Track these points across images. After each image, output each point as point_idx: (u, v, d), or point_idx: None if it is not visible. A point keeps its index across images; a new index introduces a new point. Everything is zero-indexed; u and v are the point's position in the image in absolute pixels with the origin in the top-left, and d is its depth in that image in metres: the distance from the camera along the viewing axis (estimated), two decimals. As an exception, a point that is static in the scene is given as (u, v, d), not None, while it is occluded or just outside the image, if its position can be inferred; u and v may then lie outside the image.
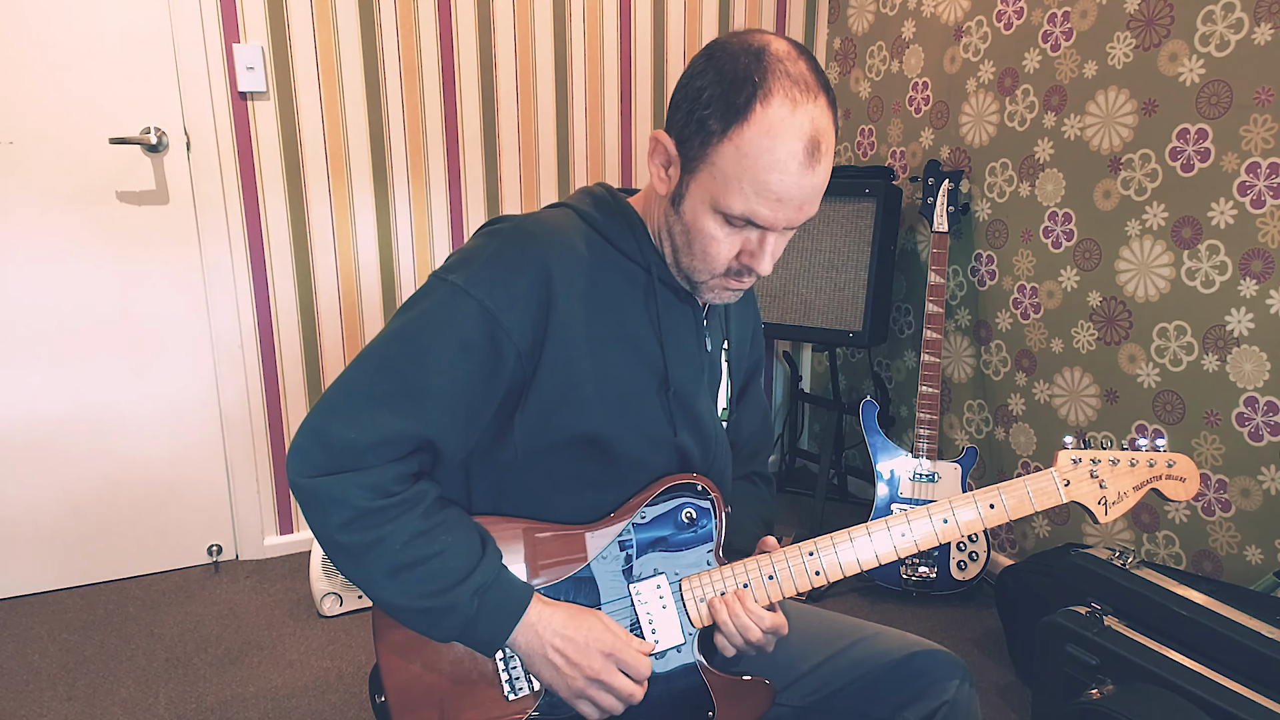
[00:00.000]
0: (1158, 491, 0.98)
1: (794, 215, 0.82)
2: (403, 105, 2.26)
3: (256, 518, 2.33)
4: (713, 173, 0.80)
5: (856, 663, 1.01)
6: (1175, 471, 0.98)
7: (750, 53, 0.79)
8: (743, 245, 0.85)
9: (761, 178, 0.78)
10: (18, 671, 1.82)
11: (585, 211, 0.92)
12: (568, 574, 0.90)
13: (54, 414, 2.09)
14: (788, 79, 0.78)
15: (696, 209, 0.84)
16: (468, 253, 0.87)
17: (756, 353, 1.14)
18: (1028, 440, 2.14)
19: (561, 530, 0.91)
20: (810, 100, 0.78)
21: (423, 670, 0.90)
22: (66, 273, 2.05)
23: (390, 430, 0.82)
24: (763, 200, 0.80)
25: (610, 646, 0.86)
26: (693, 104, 0.81)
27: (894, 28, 2.48)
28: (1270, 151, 1.57)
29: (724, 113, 0.78)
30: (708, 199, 0.82)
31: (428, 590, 0.82)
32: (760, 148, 0.77)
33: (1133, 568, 1.45)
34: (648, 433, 0.91)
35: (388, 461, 0.83)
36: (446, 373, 0.83)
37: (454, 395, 0.83)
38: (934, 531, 0.94)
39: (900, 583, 2.09)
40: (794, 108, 0.77)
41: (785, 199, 0.80)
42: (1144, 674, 1.29)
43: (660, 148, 0.86)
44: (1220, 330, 1.68)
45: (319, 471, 0.81)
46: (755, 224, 0.82)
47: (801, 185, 0.79)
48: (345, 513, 0.81)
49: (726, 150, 0.79)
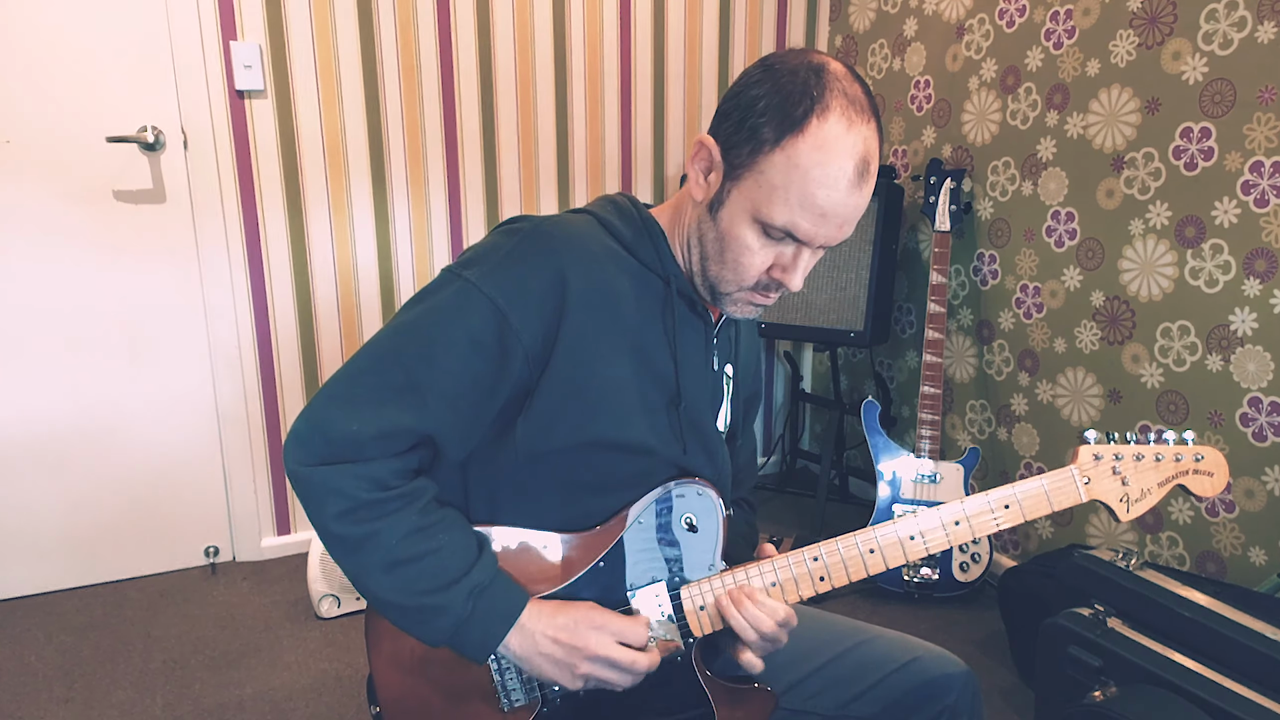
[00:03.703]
0: (1184, 488, 0.93)
1: (834, 233, 0.82)
2: (401, 104, 2.26)
3: (254, 519, 2.32)
4: (759, 181, 0.81)
5: (858, 666, 1.00)
6: (1203, 466, 0.92)
7: (810, 69, 0.80)
8: (776, 259, 0.85)
9: (810, 190, 0.79)
10: (14, 673, 1.81)
11: (606, 219, 0.91)
12: (565, 581, 0.89)
13: (50, 414, 2.08)
14: (845, 98, 0.79)
15: (735, 217, 0.84)
16: (484, 249, 0.86)
17: (757, 384, 1.14)
18: (1030, 440, 2.13)
19: (557, 537, 0.90)
20: (864, 122, 0.80)
21: (417, 683, 0.89)
22: (62, 272, 2.04)
23: (393, 423, 0.81)
24: (807, 214, 0.80)
25: (599, 620, 0.85)
26: (745, 112, 0.81)
27: (896, 25, 2.47)
28: (1274, 150, 1.56)
29: (780, 122, 0.79)
30: (749, 207, 0.82)
31: (422, 587, 0.81)
32: (813, 160, 0.78)
33: (1136, 569, 1.44)
34: (653, 444, 0.90)
35: (388, 455, 0.82)
36: (453, 369, 0.82)
37: (459, 392, 0.83)
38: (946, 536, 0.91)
39: (902, 584, 2.08)
40: (849, 126, 0.78)
41: (829, 215, 0.80)
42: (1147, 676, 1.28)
43: (705, 152, 0.85)
44: (1224, 330, 1.67)
45: (318, 460, 0.81)
46: (794, 238, 0.82)
47: (846, 203, 0.80)
48: (342, 503, 0.80)
49: (778, 159, 0.79)
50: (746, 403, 1.11)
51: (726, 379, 1.03)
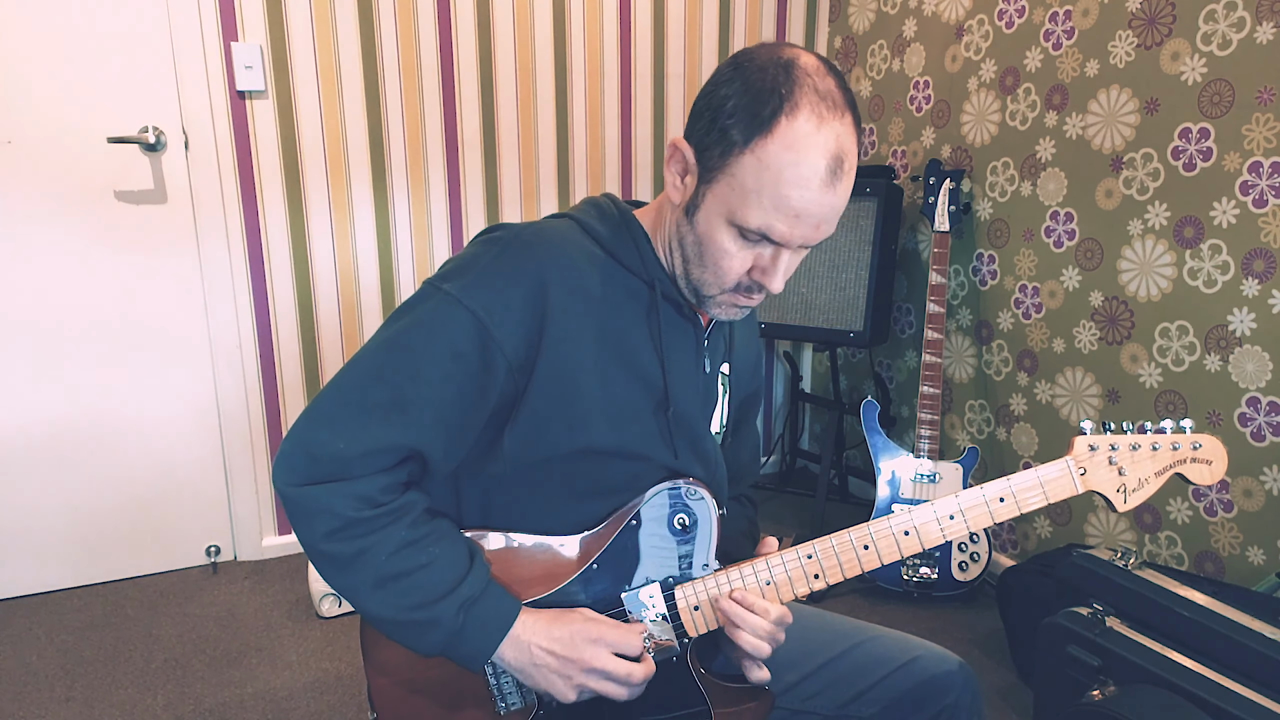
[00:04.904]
0: (1182, 476, 0.91)
1: (810, 233, 0.80)
2: (402, 105, 2.26)
3: (255, 518, 2.32)
4: (731, 184, 0.79)
5: (857, 665, 1.00)
6: (1201, 454, 0.90)
7: (779, 65, 0.77)
8: (755, 261, 0.83)
9: (782, 192, 0.77)
10: (16, 672, 1.81)
11: (587, 223, 0.90)
12: (559, 585, 0.89)
13: (51, 413, 2.09)
14: (815, 94, 0.76)
15: (711, 220, 0.82)
16: (463, 261, 0.85)
17: (757, 382, 1.12)
18: (1029, 440, 2.14)
19: (551, 540, 0.89)
20: (836, 118, 0.77)
21: (412, 689, 0.89)
22: (63, 272, 2.04)
23: (379, 440, 0.81)
24: (781, 215, 0.78)
25: (595, 633, 0.85)
26: (716, 113, 0.79)
27: (895, 26, 2.47)
28: (1272, 151, 1.56)
29: (748, 124, 0.77)
30: (724, 211, 0.81)
31: (413, 602, 0.81)
32: (783, 161, 0.76)
33: (1135, 568, 1.44)
34: (643, 450, 0.89)
35: (376, 472, 0.82)
36: (437, 383, 0.81)
37: (444, 406, 0.82)
38: (940, 530, 0.90)
39: (901, 584, 2.08)
40: (820, 123, 0.76)
41: (804, 215, 0.78)
42: (1146, 675, 1.28)
43: (679, 155, 0.84)
44: (1222, 330, 1.67)
45: (306, 480, 0.80)
46: (770, 239, 0.81)
47: (821, 203, 0.78)
48: (332, 522, 0.80)
49: (747, 162, 0.77)
50: (746, 401, 1.10)
51: (722, 379, 1.02)
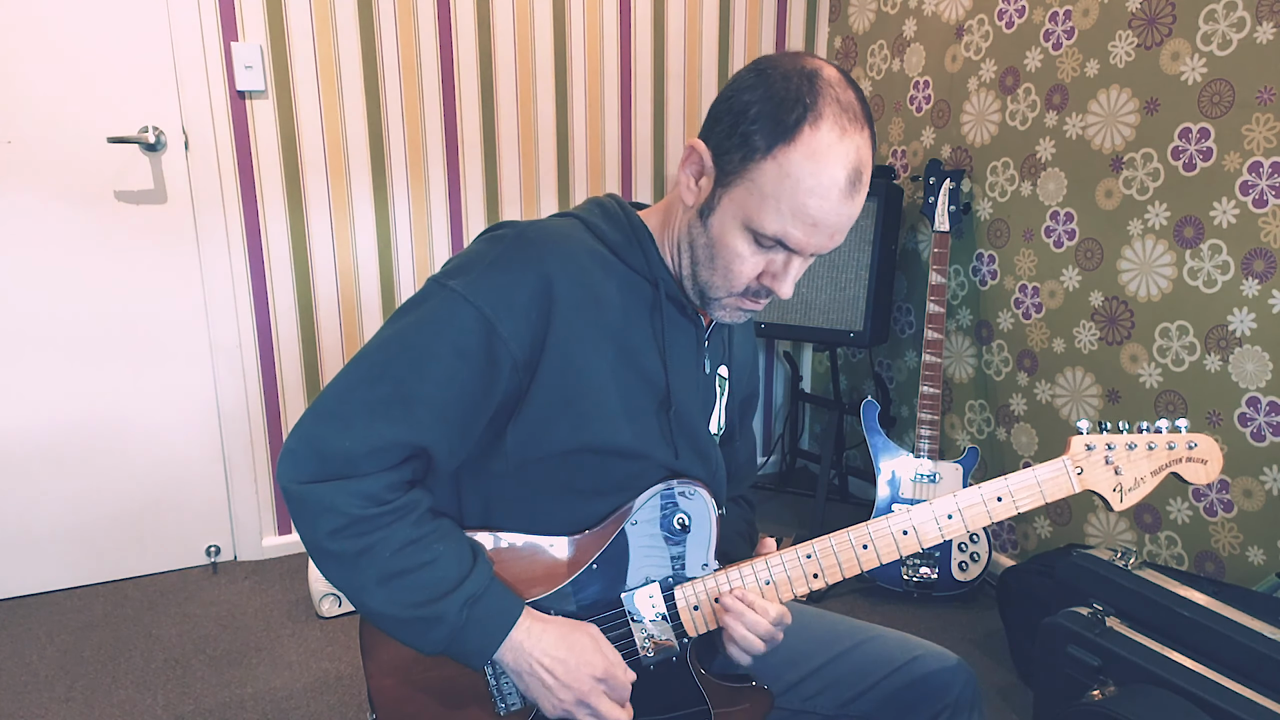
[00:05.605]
0: (1177, 475, 0.92)
1: (825, 242, 0.81)
2: (402, 105, 2.26)
3: (255, 518, 2.32)
4: (750, 189, 0.80)
5: (857, 665, 1.00)
6: (1197, 454, 0.91)
7: (803, 75, 0.78)
8: (766, 266, 0.84)
9: (801, 200, 0.78)
10: (15, 672, 1.81)
11: (592, 221, 0.90)
12: (559, 584, 0.89)
13: (50, 413, 2.09)
14: (838, 105, 0.77)
15: (726, 224, 0.83)
16: (468, 258, 0.85)
17: (753, 384, 1.13)
18: (1029, 440, 2.14)
19: (550, 540, 0.90)
20: (857, 130, 0.78)
21: (412, 688, 0.89)
22: (63, 272, 2.04)
23: (384, 438, 0.81)
24: (798, 223, 0.79)
25: (603, 671, 0.86)
26: (738, 118, 0.80)
27: (895, 26, 2.47)
28: (1272, 150, 1.56)
29: (771, 130, 0.77)
30: (740, 215, 0.81)
31: (417, 599, 0.81)
32: (805, 170, 0.77)
33: (1134, 568, 1.44)
34: (644, 449, 0.89)
35: (381, 469, 0.82)
36: (442, 380, 0.81)
37: (449, 403, 0.82)
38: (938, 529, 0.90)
39: (901, 584, 2.08)
40: (842, 135, 0.77)
41: (820, 224, 0.79)
42: (1146, 675, 1.28)
43: (695, 157, 0.84)
44: (1222, 330, 1.67)
45: (311, 478, 0.80)
46: (785, 246, 0.81)
47: (839, 213, 0.79)
48: (336, 520, 0.80)
49: (769, 168, 0.78)
50: (744, 403, 1.11)
51: (720, 381, 1.02)
